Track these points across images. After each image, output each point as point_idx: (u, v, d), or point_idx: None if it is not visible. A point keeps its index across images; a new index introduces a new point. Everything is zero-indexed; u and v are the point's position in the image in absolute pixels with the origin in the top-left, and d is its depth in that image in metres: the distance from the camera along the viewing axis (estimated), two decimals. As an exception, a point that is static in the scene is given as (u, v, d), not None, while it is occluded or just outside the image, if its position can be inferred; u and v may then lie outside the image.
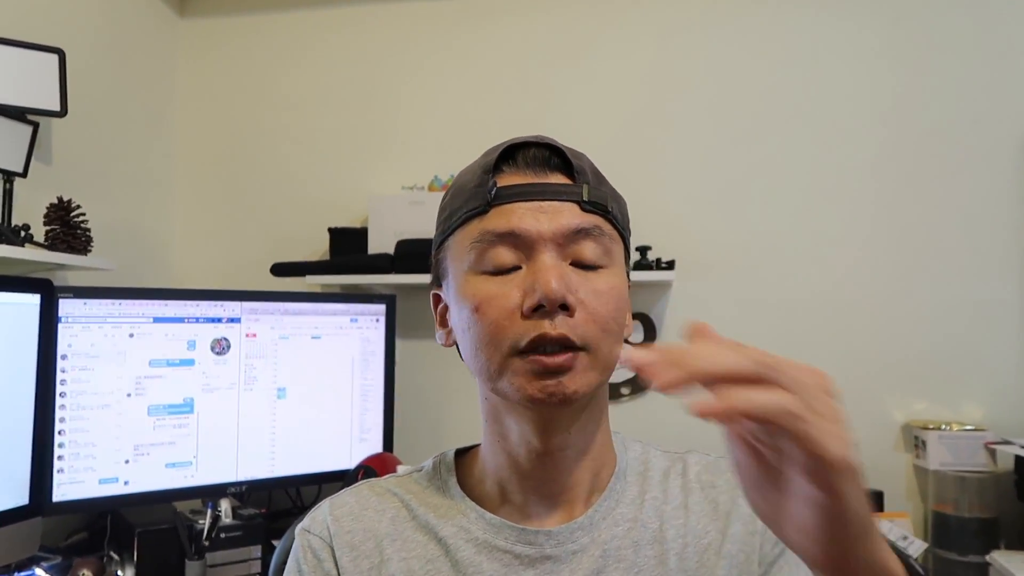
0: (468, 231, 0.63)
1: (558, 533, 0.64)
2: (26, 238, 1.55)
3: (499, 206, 0.62)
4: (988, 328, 1.83)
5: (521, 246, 0.61)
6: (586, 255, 0.61)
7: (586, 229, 0.61)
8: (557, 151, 0.64)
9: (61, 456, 1.50)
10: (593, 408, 0.66)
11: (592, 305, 0.60)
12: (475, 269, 0.62)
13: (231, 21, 2.27)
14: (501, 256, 0.61)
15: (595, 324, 0.60)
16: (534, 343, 0.58)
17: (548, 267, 0.59)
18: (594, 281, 0.61)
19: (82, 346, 1.53)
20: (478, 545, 0.64)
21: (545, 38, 2.09)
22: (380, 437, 1.87)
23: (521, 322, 0.59)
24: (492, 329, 0.60)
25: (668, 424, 1.92)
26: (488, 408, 0.67)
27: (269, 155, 2.23)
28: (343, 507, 0.69)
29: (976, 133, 1.86)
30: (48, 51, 1.62)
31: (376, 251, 1.96)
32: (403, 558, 0.65)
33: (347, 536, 0.66)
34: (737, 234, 1.96)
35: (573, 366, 0.59)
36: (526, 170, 0.63)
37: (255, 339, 1.72)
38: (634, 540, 0.65)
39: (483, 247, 0.62)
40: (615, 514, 0.66)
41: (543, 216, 0.61)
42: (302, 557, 0.67)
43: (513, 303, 0.59)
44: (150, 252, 2.15)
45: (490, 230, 0.61)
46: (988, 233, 1.84)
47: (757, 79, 1.98)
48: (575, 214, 0.61)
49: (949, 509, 1.72)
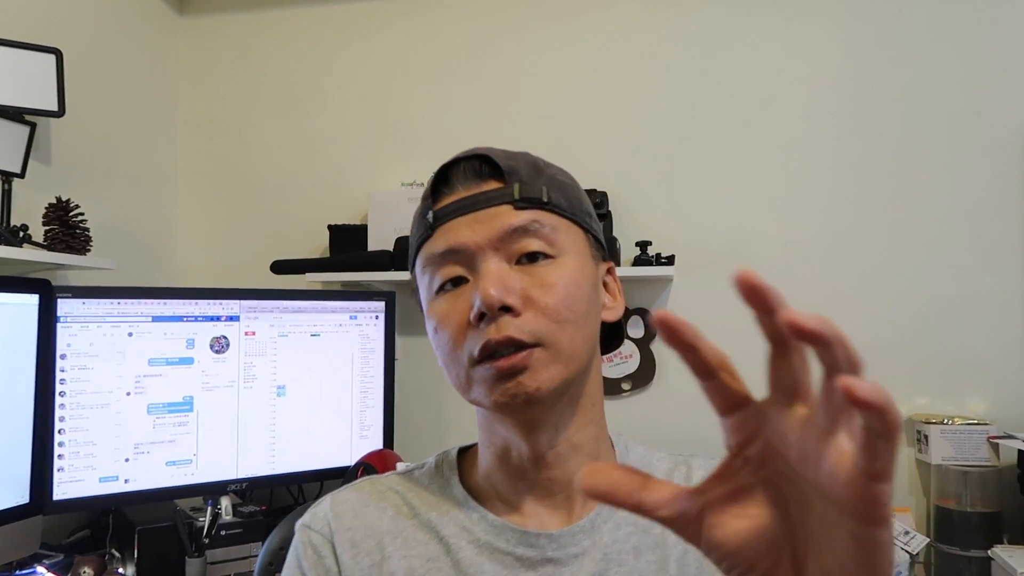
0: (420, 258, 0.65)
1: (559, 536, 0.64)
2: (25, 238, 1.56)
3: (440, 227, 0.63)
4: (991, 322, 1.81)
5: (464, 260, 0.62)
6: (530, 249, 0.61)
7: (523, 226, 0.61)
8: (486, 160, 0.64)
9: (61, 455, 1.51)
10: (576, 403, 0.65)
11: (540, 299, 0.60)
12: (431, 291, 0.64)
13: (230, 19, 2.27)
14: (448, 273, 0.62)
15: (545, 317, 0.60)
16: (484, 350, 0.59)
17: (487, 274, 0.60)
18: (541, 274, 0.61)
19: (81, 345, 1.53)
20: (480, 546, 0.64)
21: (541, 35, 2.08)
22: (380, 434, 1.87)
23: (472, 332, 0.60)
24: (450, 345, 0.62)
25: (668, 419, 1.92)
26: (479, 416, 0.68)
27: (268, 152, 2.23)
28: (344, 503, 0.69)
29: (980, 126, 1.84)
30: (45, 51, 1.63)
31: (376, 248, 1.96)
32: (404, 556, 0.65)
33: (348, 533, 0.66)
34: (738, 229, 1.95)
35: (529, 364, 0.59)
36: (460, 187, 0.64)
37: (254, 337, 1.72)
38: (635, 545, 0.64)
39: (433, 269, 0.64)
40: (616, 517, 0.65)
41: (479, 225, 0.61)
42: (302, 553, 0.67)
43: (463, 316, 0.61)
44: (149, 251, 2.15)
45: (433, 252, 0.63)
46: (991, 227, 1.83)
47: (758, 72, 1.96)
48: (509, 214, 0.62)
49: (951, 504, 1.71)
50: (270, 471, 1.74)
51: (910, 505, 1.80)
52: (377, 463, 1.71)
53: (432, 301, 0.65)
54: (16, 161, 1.56)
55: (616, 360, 1.98)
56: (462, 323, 0.61)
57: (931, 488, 1.77)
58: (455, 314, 0.61)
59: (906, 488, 1.83)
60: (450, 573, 0.63)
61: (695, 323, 0.36)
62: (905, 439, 1.85)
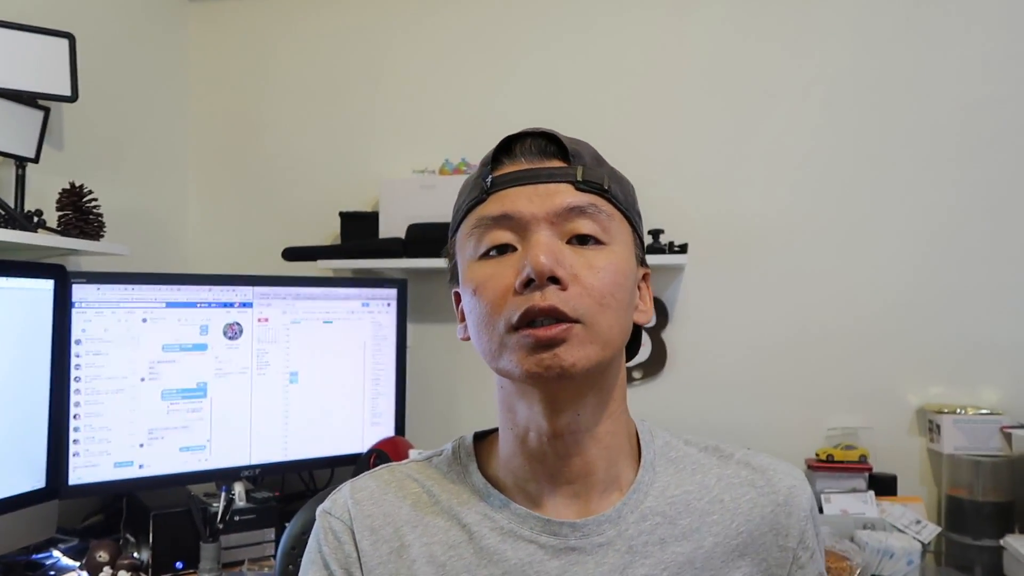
0: (469, 220, 0.65)
1: (583, 525, 0.63)
2: (39, 224, 1.56)
3: (496, 192, 0.63)
4: (1005, 312, 1.81)
5: (516, 228, 0.62)
6: (582, 231, 0.62)
7: (580, 207, 0.62)
8: (553, 139, 0.65)
9: (77, 440, 1.51)
10: (603, 389, 0.65)
11: (587, 279, 0.60)
12: (475, 255, 0.64)
13: (240, 3, 2.26)
14: (497, 238, 0.62)
15: (590, 297, 0.60)
16: (525, 316, 0.58)
17: (539, 243, 0.60)
18: (591, 257, 0.61)
19: (96, 331, 1.53)
20: (503, 534, 0.64)
21: (555, 22, 2.06)
22: (392, 421, 1.88)
23: (514, 298, 0.60)
24: (489, 309, 0.61)
25: (680, 407, 1.92)
26: (502, 396, 0.67)
27: (280, 139, 2.22)
28: (364, 490, 0.69)
29: (1002, 115, 1.82)
30: (58, 36, 1.62)
31: (387, 235, 1.95)
32: (425, 543, 0.65)
33: (367, 520, 0.66)
34: (751, 217, 1.94)
35: (567, 338, 0.58)
36: (523, 160, 0.64)
37: (267, 324, 1.72)
38: (661, 537, 0.64)
39: (481, 232, 0.63)
40: (643, 508, 0.65)
41: (537, 198, 0.62)
42: (323, 539, 0.67)
43: (507, 282, 0.60)
44: (162, 237, 2.15)
45: (486, 215, 0.63)
46: (1004, 216, 1.81)
47: (770, 59, 1.95)
48: (570, 193, 0.62)
49: (963, 493, 1.71)
50: (282, 457, 1.74)
51: (922, 495, 1.80)
52: (389, 450, 1.71)
53: (474, 263, 0.64)
54: (30, 146, 1.56)
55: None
56: (504, 288, 0.60)
57: (943, 478, 1.77)
58: (499, 279, 0.61)
59: (918, 478, 1.83)
60: (473, 560, 0.64)
61: (707, 311, 0.35)
62: (918, 428, 1.85)
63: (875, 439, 1.83)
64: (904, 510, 1.68)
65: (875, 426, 1.84)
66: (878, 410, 1.85)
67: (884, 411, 1.85)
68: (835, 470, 1.77)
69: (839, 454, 1.78)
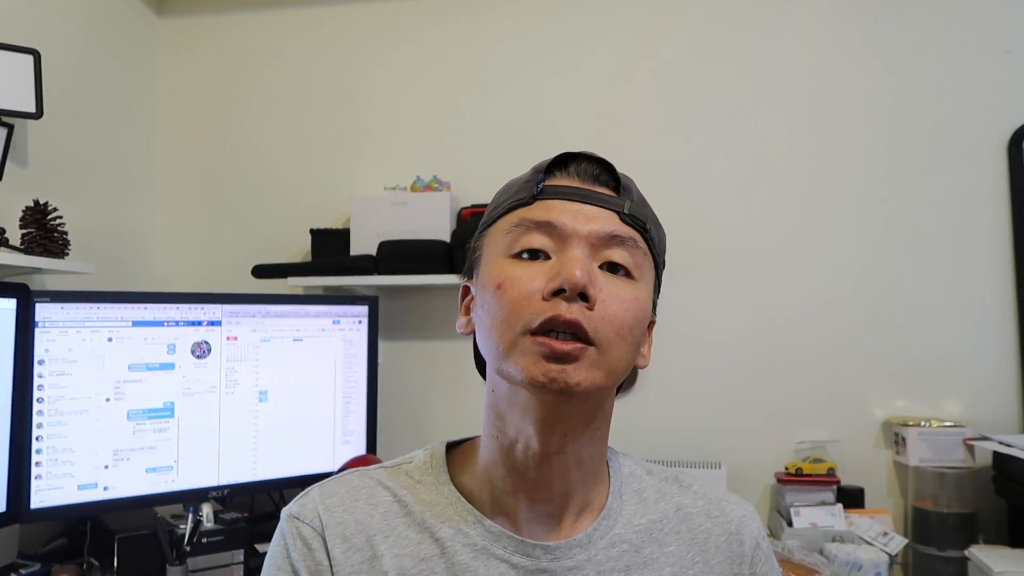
0: (509, 218, 0.66)
1: (556, 548, 0.65)
2: (1, 242, 1.53)
3: (544, 200, 0.64)
4: (967, 326, 1.85)
5: (556, 238, 0.63)
6: (616, 260, 0.63)
7: (621, 237, 0.63)
8: (608, 167, 0.66)
9: (39, 462, 1.48)
10: (595, 417, 0.66)
11: (611, 307, 0.61)
12: (507, 252, 0.64)
13: (210, 20, 2.25)
14: (533, 242, 0.63)
15: (611, 325, 0.60)
16: (547, 324, 0.59)
17: (576, 259, 0.61)
18: (620, 287, 0.62)
19: (59, 351, 1.51)
20: (476, 551, 0.64)
21: (530, 36, 2.08)
22: (363, 439, 1.86)
23: (539, 303, 0.60)
24: (510, 307, 0.61)
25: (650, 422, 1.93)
26: (492, 401, 0.67)
27: (250, 155, 2.21)
28: (334, 496, 0.67)
29: (960, 132, 1.87)
30: (23, 52, 1.60)
31: (358, 252, 1.95)
32: (396, 555, 0.64)
33: (339, 527, 0.65)
34: (718, 233, 1.97)
35: (580, 358, 0.59)
36: (576, 178, 0.66)
37: (236, 342, 1.71)
38: (627, 564, 0.66)
39: (519, 232, 0.64)
40: (611, 535, 0.67)
41: (583, 217, 0.63)
42: (291, 544, 0.65)
43: (535, 286, 0.61)
44: (129, 255, 2.12)
45: (529, 218, 0.64)
46: (969, 231, 1.86)
47: (735, 80, 1.98)
48: (614, 222, 0.64)
49: (929, 505, 1.73)
50: (252, 477, 1.72)
51: (888, 507, 1.83)
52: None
53: (503, 260, 0.64)
54: (-8, 163, 1.54)
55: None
56: (530, 292, 0.61)
57: (909, 489, 1.80)
58: (526, 281, 0.61)
59: (885, 490, 1.86)
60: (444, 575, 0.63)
61: (676, 326, 0.36)
62: (884, 441, 1.88)
63: (843, 452, 1.85)
64: (872, 522, 1.71)
65: (842, 439, 1.86)
66: (845, 423, 1.88)
67: (851, 424, 1.88)
68: (804, 483, 1.79)
69: (808, 467, 1.80)
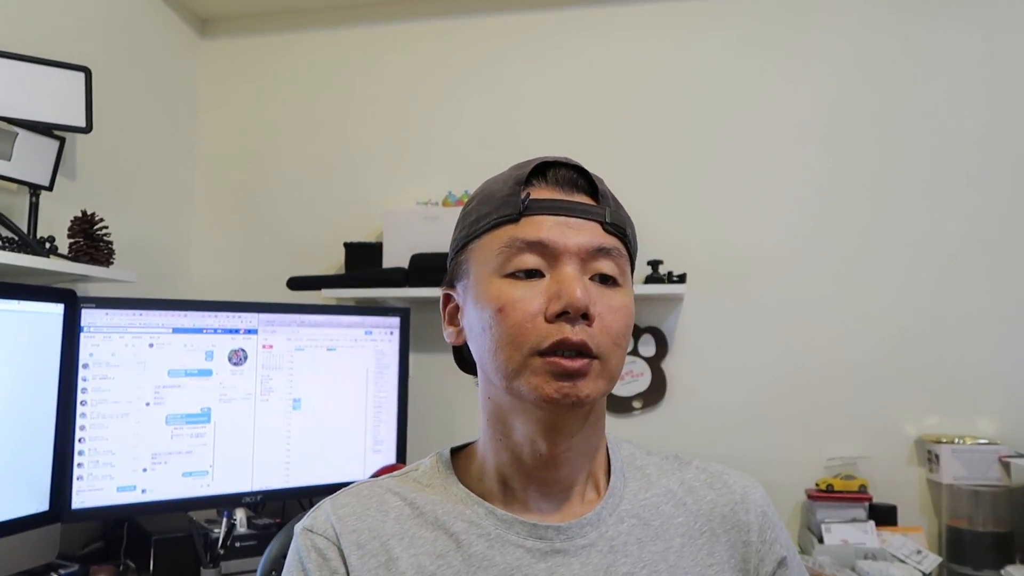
0: (497, 236, 0.66)
1: (567, 528, 0.67)
2: (51, 250, 1.59)
3: (530, 216, 0.66)
4: (1001, 341, 1.83)
5: (547, 255, 0.65)
6: (605, 271, 0.66)
7: (606, 248, 0.66)
8: (584, 173, 0.69)
9: (81, 464, 1.52)
10: (595, 415, 0.70)
11: (607, 319, 0.64)
12: (500, 272, 0.65)
13: (249, 41, 2.32)
14: (527, 262, 0.65)
15: (609, 337, 0.64)
16: (555, 346, 0.62)
17: (573, 278, 0.63)
18: (610, 297, 0.65)
19: (103, 355, 1.56)
20: (490, 540, 0.66)
21: (561, 54, 2.13)
22: (393, 448, 1.88)
23: (544, 325, 0.63)
24: (515, 330, 0.63)
25: (679, 437, 1.93)
26: (491, 408, 0.70)
27: (286, 171, 2.27)
28: (345, 507, 0.69)
29: (995, 146, 1.87)
30: (76, 69, 1.67)
31: (391, 265, 1.98)
32: (413, 555, 0.66)
33: (352, 535, 0.67)
34: (749, 247, 1.98)
35: (587, 372, 0.63)
36: (555, 187, 0.67)
37: (271, 350, 1.75)
38: (638, 537, 0.68)
39: (511, 252, 0.65)
40: (619, 511, 0.69)
41: (569, 231, 0.65)
42: (306, 556, 0.67)
43: (536, 307, 0.63)
44: (170, 264, 2.19)
45: (520, 237, 0.65)
46: (1000, 246, 1.85)
47: (769, 93, 2.00)
48: (598, 233, 0.66)
49: (963, 524, 1.71)
50: (284, 484, 1.75)
51: (922, 525, 1.80)
52: (391, 477, 1.72)
53: (497, 280, 0.66)
54: (45, 175, 1.60)
55: (627, 379, 2.00)
56: (532, 313, 0.63)
57: (943, 508, 1.77)
58: (528, 303, 0.63)
59: (918, 508, 1.83)
60: (462, 567, 0.65)
61: (706, 341, 0.38)
62: (916, 458, 1.85)
63: (874, 469, 1.83)
64: (905, 540, 1.69)
65: (874, 456, 1.84)
66: (876, 440, 1.86)
67: (882, 441, 1.86)
68: (835, 500, 1.77)
69: (839, 484, 1.79)
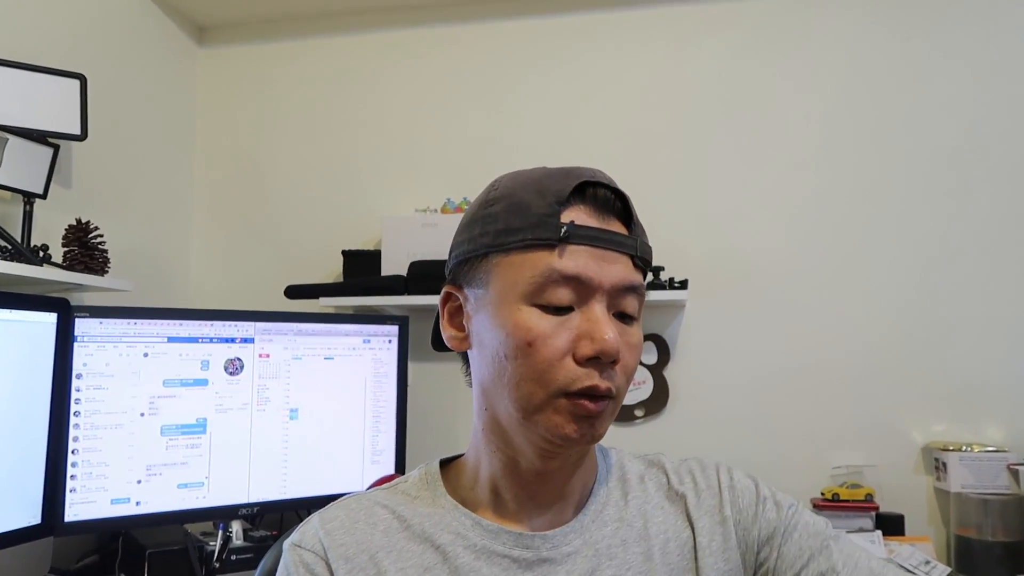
0: (531, 261, 0.63)
1: (552, 536, 0.67)
2: (44, 258, 1.58)
3: (569, 245, 0.63)
4: (1008, 347, 1.80)
5: (579, 290, 0.63)
6: (628, 310, 0.65)
7: (635, 287, 0.66)
8: (621, 196, 0.67)
9: (74, 475, 1.50)
10: None
11: (625, 358, 0.64)
12: (529, 300, 0.63)
13: (247, 49, 2.32)
14: (561, 296, 0.63)
15: (625, 376, 0.65)
16: (584, 391, 0.62)
17: (605, 321, 0.63)
18: (629, 335, 0.65)
19: (97, 365, 1.53)
20: (476, 551, 0.66)
21: (560, 60, 2.11)
22: (392, 458, 1.86)
23: (573, 367, 0.62)
24: (543, 367, 0.62)
25: (682, 445, 1.91)
26: (489, 419, 0.70)
27: (283, 178, 2.25)
28: (334, 521, 0.69)
29: (1000, 150, 1.85)
30: (71, 76, 1.66)
31: (389, 273, 1.97)
32: (400, 568, 0.66)
33: (340, 549, 0.67)
34: (750, 253, 1.96)
35: (603, 412, 0.64)
36: (592, 210, 0.65)
37: (268, 360, 1.72)
38: (622, 539, 0.69)
39: (545, 283, 0.63)
40: (603, 516, 0.70)
41: (605, 265, 0.64)
42: (294, 572, 0.67)
43: (565, 345, 0.62)
44: (166, 273, 2.17)
45: (559, 270, 0.63)
46: (1008, 251, 1.83)
47: (766, 98, 1.99)
48: (629, 269, 0.65)
49: (972, 533, 1.68)
50: (281, 495, 1.72)
51: (929, 534, 1.77)
52: (389, 488, 1.69)
53: (525, 309, 0.63)
54: (39, 183, 1.58)
55: (629, 387, 1.97)
56: (562, 352, 0.62)
57: (951, 517, 1.74)
58: (558, 340, 0.62)
59: (926, 517, 1.81)
60: None
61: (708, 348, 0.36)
62: (923, 467, 1.83)
63: (880, 477, 1.81)
64: (913, 550, 1.66)
65: (879, 464, 1.82)
66: (882, 448, 1.84)
67: (889, 449, 1.83)
68: (841, 509, 1.75)
69: (845, 493, 1.76)
